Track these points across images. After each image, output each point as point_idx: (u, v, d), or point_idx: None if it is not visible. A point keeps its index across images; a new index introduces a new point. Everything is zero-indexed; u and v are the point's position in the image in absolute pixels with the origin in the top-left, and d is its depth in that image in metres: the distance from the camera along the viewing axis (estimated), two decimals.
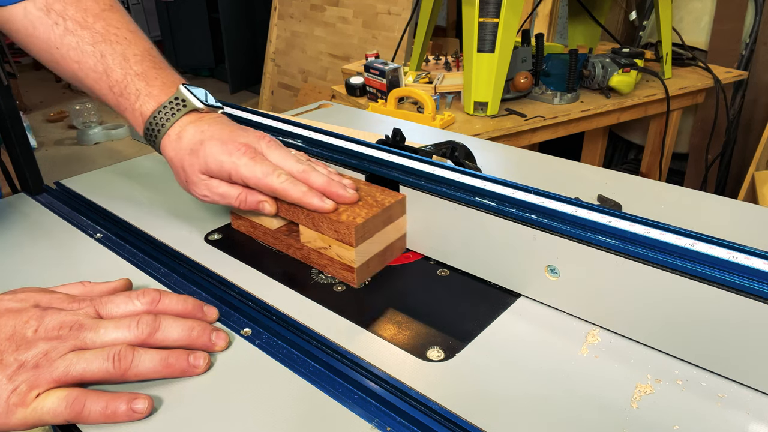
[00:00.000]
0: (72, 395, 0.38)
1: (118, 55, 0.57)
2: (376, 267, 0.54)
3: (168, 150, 0.56)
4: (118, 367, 0.40)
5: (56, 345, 0.40)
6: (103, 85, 0.57)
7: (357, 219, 0.50)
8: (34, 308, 0.41)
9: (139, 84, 0.56)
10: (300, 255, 0.56)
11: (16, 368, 0.38)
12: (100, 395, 0.39)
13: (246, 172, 0.52)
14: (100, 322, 0.42)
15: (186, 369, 0.42)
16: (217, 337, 0.44)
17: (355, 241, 0.50)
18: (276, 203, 0.54)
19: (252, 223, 0.59)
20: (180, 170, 0.56)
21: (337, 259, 0.52)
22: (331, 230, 0.51)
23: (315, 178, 0.52)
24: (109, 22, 0.58)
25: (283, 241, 0.57)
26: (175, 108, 0.55)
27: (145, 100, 0.56)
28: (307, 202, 0.51)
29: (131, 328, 0.42)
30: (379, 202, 0.53)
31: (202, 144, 0.53)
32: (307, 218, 0.53)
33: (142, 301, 0.44)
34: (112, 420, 0.38)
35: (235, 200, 0.54)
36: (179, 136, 0.55)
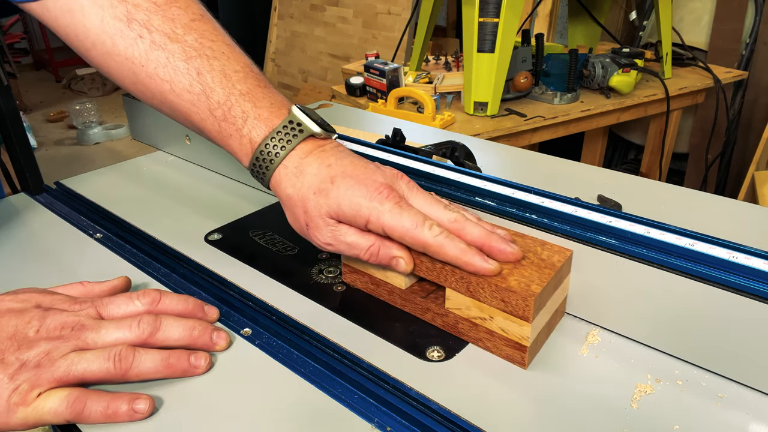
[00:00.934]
0: (73, 395, 0.38)
1: (217, 72, 0.48)
2: (542, 340, 0.44)
3: (285, 186, 0.47)
4: (119, 368, 0.40)
5: (58, 345, 0.40)
6: (202, 107, 0.48)
7: (532, 286, 0.41)
8: (36, 309, 0.42)
9: (245, 105, 0.47)
10: (441, 322, 0.46)
11: (17, 367, 0.38)
12: (101, 395, 0.39)
13: (391, 221, 0.43)
14: (101, 323, 0.42)
15: (187, 369, 0.42)
16: (218, 336, 0.44)
17: (533, 314, 0.40)
18: (413, 259, 0.45)
19: (374, 280, 0.50)
20: (300, 212, 0.46)
21: (501, 334, 0.43)
22: (495, 299, 0.42)
23: (471, 230, 0.44)
24: (202, 34, 0.49)
25: (418, 304, 0.48)
26: (291, 134, 0.46)
27: (254, 124, 0.47)
28: (466, 261, 0.42)
29: (132, 328, 0.42)
30: (546, 260, 0.43)
31: (333, 182, 0.45)
32: (460, 281, 0.43)
33: (142, 302, 0.44)
34: (113, 420, 0.38)
35: (365, 253, 0.45)
36: (300, 170, 0.46)
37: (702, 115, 2.08)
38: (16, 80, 4.02)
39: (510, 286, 0.41)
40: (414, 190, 0.46)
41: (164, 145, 0.81)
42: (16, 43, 4.68)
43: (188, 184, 0.72)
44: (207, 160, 0.75)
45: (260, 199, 0.68)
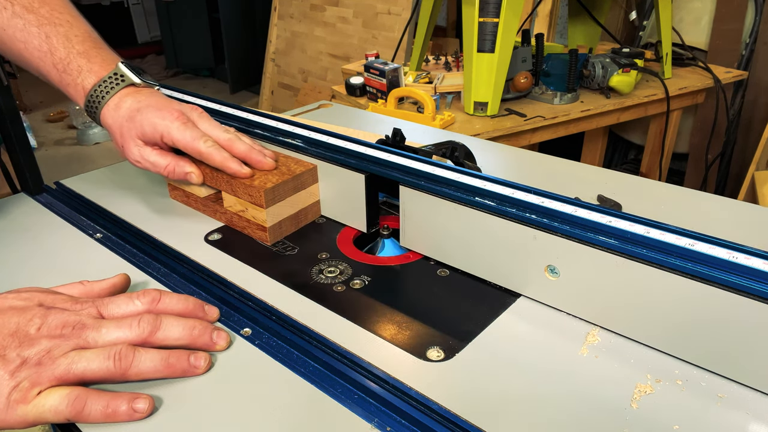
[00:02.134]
0: (73, 394, 0.38)
1: (61, 36, 0.61)
2: (289, 228, 0.60)
3: (107, 118, 0.60)
4: (119, 367, 0.40)
5: (59, 343, 0.40)
6: (47, 62, 0.60)
7: (267, 184, 0.56)
8: (38, 307, 0.42)
9: (81, 61, 0.60)
10: (225, 219, 0.62)
11: (18, 364, 0.38)
12: (101, 394, 0.39)
13: (177, 135, 0.57)
14: (102, 322, 0.42)
15: (187, 369, 0.42)
16: (218, 336, 0.44)
17: (266, 203, 0.56)
18: (202, 174, 0.60)
19: (185, 193, 0.65)
20: (117, 136, 0.60)
21: (253, 221, 0.58)
22: (246, 194, 0.57)
23: (238, 146, 0.59)
24: (53, 7, 0.62)
25: (211, 207, 0.63)
26: (114, 82, 0.60)
27: (87, 76, 0.60)
28: (227, 166, 0.57)
29: (132, 327, 0.42)
30: (291, 170, 0.59)
31: (139, 111, 0.58)
32: (228, 185, 0.59)
33: (142, 301, 0.44)
34: (113, 419, 0.38)
35: (164, 169, 0.59)
36: (117, 106, 0.59)
37: (702, 115, 2.08)
38: (16, 80, 4.01)
39: (253, 183, 0.57)
40: (204, 118, 0.61)
41: None
42: None
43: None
44: None
45: None
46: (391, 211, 0.65)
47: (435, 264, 0.55)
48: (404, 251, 0.58)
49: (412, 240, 0.56)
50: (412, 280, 0.54)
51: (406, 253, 0.57)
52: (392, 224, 0.60)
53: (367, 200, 0.58)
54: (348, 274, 0.54)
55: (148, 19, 4.83)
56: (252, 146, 0.60)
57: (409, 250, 0.57)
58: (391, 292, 0.52)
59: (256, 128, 0.66)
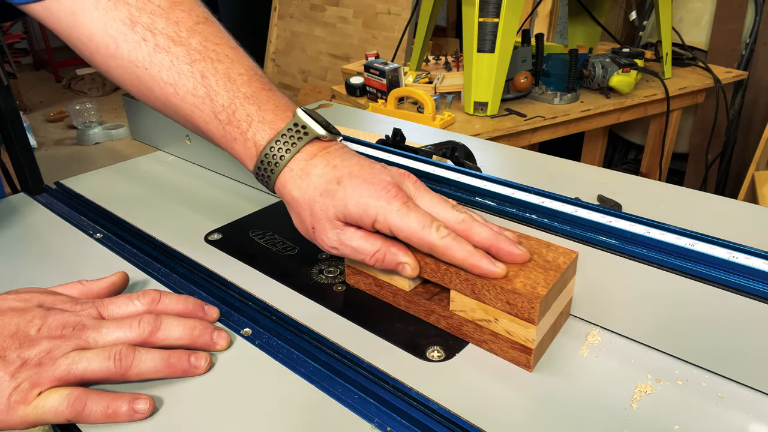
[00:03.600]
0: (74, 394, 0.38)
1: (221, 75, 0.48)
2: (547, 343, 0.44)
3: (290, 189, 0.46)
4: (119, 367, 0.40)
5: (59, 344, 0.40)
6: (206, 110, 0.48)
7: (538, 288, 0.40)
8: (38, 308, 0.42)
9: (249, 108, 0.47)
10: (445, 324, 0.46)
11: (19, 365, 0.38)
12: (102, 395, 0.39)
13: (398, 221, 0.43)
14: (102, 322, 0.42)
15: (187, 369, 0.42)
16: (218, 336, 0.44)
17: (538, 316, 0.40)
18: (418, 265, 0.45)
19: (378, 282, 0.49)
20: (306, 214, 0.46)
21: (506, 336, 0.43)
22: (500, 301, 0.41)
23: (478, 232, 0.43)
24: (206, 37, 0.49)
25: (422, 306, 0.47)
26: (296, 137, 0.46)
27: (259, 127, 0.47)
28: (473, 264, 0.42)
29: (132, 327, 0.42)
30: (551, 262, 0.43)
31: (340, 183, 0.44)
32: (465, 283, 0.43)
33: (142, 301, 0.44)
34: (113, 420, 0.38)
35: (371, 258, 0.45)
36: (305, 172, 0.46)
37: (702, 115, 2.08)
38: (16, 80, 4.02)
39: (515, 288, 0.40)
40: (422, 189, 0.46)
41: (164, 145, 0.81)
42: (16, 43, 4.68)
43: (188, 184, 0.72)
44: (207, 160, 0.75)
45: (260, 199, 0.68)
46: None
47: None
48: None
49: None
50: None
51: None
52: None
53: None
54: None
55: None
56: (493, 229, 0.44)
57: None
58: None
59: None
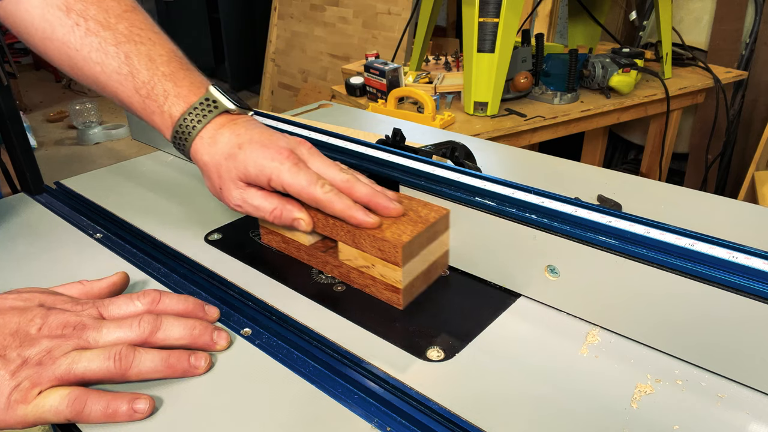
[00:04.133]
0: (73, 394, 0.38)
1: (143, 55, 0.53)
2: (420, 286, 0.51)
3: (201, 154, 0.52)
4: (119, 367, 0.40)
5: (59, 343, 0.40)
6: (128, 87, 0.53)
7: (403, 236, 0.47)
8: (39, 307, 0.42)
9: (166, 85, 0.53)
10: (338, 273, 0.53)
11: (19, 364, 0.38)
12: (102, 395, 0.39)
13: (289, 179, 0.49)
14: (103, 322, 0.42)
15: (187, 369, 0.42)
16: (218, 336, 0.44)
17: (402, 260, 0.47)
18: (312, 220, 0.51)
19: (284, 239, 0.56)
20: (215, 176, 0.52)
21: (381, 279, 0.49)
22: (374, 248, 0.48)
23: (359, 189, 0.50)
24: (132, 23, 0.55)
25: (319, 258, 0.54)
26: (207, 109, 0.52)
27: (174, 101, 0.53)
28: (351, 215, 0.48)
29: (133, 327, 0.42)
30: (423, 217, 0.50)
31: (241, 147, 0.50)
32: (348, 234, 0.49)
33: (142, 302, 0.44)
34: (113, 420, 0.38)
35: (270, 214, 0.51)
36: (214, 140, 0.52)
37: (702, 115, 2.08)
38: (16, 80, 4.02)
39: (385, 236, 0.47)
40: (315, 155, 0.52)
41: (164, 145, 0.81)
42: (16, 43, 4.68)
43: (188, 184, 0.72)
44: None
45: None
46: None
47: None
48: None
49: None
50: None
51: None
52: None
53: None
54: None
55: None
56: (374, 188, 0.51)
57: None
58: None
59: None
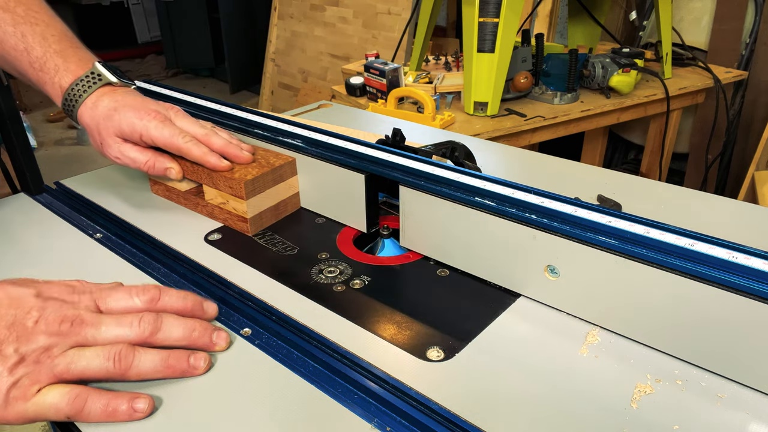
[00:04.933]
0: (74, 392, 0.38)
1: (37, 35, 0.62)
2: (270, 219, 0.62)
3: (85, 117, 0.61)
4: (119, 367, 0.40)
5: (57, 341, 0.40)
6: (24, 61, 0.62)
7: (247, 176, 0.58)
8: (35, 298, 0.42)
9: (57, 60, 0.62)
10: (206, 212, 0.64)
11: (16, 361, 0.38)
12: (102, 394, 0.39)
13: (155, 133, 0.59)
14: (102, 318, 0.42)
15: (186, 370, 0.42)
16: (218, 337, 0.44)
17: (246, 194, 0.58)
18: (182, 169, 0.62)
19: (167, 187, 0.67)
20: (95, 134, 0.61)
21: (234, 212, 0.60)
22: (226, 186, 0.59)
23: (215, 141, 0.61)
24: (29, 7, 0.63)
25: (192, 200, 0.65)
26: (91, 81, 0.62)
27: (63, 75, 0.61)
28: (206, 160, 0.59)
29: (133, 326, 0.42)
30: (271, 163, 0.61)
31: (117, 110, 0.60)
32: (208, 178, 0.61)
33: (141, 299, 0.44)
34: (113, 419, 0.38)
35: (144, 165, 0.61)
36: (95, 105, 0.61)
37: (702, 115, 2.07)
38: (16, 80, 4.01)
39: (234, 176, 0.58)
40: (180, 115, 0.62)
41: None
42: None
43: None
44: None
45: None
46: (391, 211, 0.65)
47: (435, 264, 0.55)
48: (404, 251, 0.58)
49: (412, 240, 0.56)
50: (412, 280, 0.54)
51: (406, 253, 0.57)
52: (392, 224, 0.60)
53: (367, 200, 0.58)
54: (348, 274, 0.54)
55: (148, 19, 4.83)
56: (229, 140, 0.62)
57: (409, 250, 0.57)
58: (391, 292, 0.52)
59: (255, 128, 0.66)
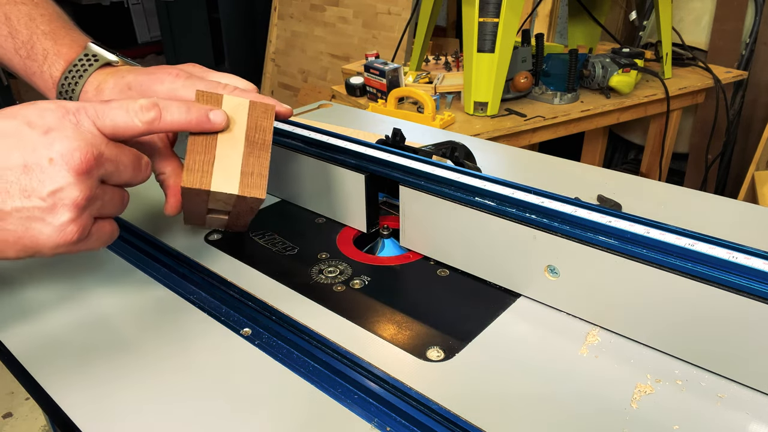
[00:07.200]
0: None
1: (23, 15, 0.52)
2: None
3: None
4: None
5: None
6: (9, 47, 0.52)
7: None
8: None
9: (46, 43, 0.52)
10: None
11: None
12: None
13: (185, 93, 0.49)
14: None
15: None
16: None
17: None
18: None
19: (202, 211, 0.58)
20: None
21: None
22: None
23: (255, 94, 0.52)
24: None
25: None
26: (87, 64, 0.51)
27: (54, 61, 0.51)
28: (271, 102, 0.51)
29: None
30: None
31: (131, 87, 0.50)
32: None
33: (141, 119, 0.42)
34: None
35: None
36: (100, 89, 0.51)
37: (702, 115, 2.07)
38: (16, 80, 4.01)
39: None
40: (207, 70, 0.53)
41: None
42: None
43: None
44: None
45: None
46: (391, 211, 0.65)
47: (435, 264, 0.55)
48: (404, 251, 0.58)
49: (412, 240, 0.56)
50: (412, 280, 0.54)
51: (406, 253, 0.57)
52: (392, 224, 0.60)
53: (367, 200, 0.58)
54: (348, 274, 0.54)
55: (148, 19, 4.82)
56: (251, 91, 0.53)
57: (409, 250, 0.57)
58: (391, 292, 0.52)
59: None
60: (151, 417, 0.39)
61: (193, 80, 0.49)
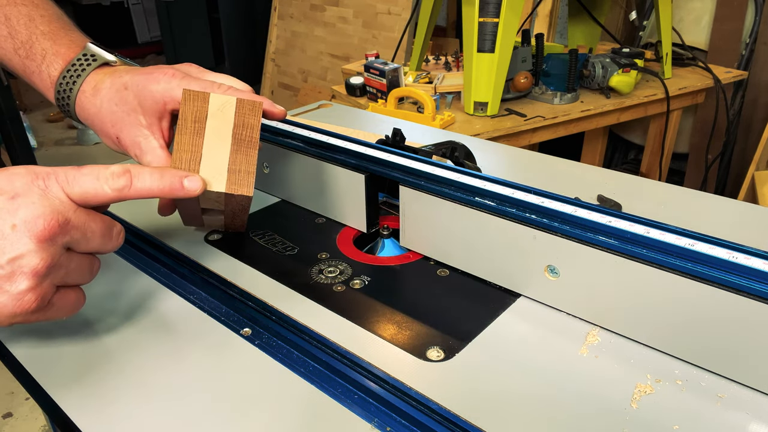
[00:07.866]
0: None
1: (23, 16, 0.53)
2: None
3: (88, 108, 0.52)
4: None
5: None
6: (8, 48, 0.53)
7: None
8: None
9: (45, 43, 0.52)
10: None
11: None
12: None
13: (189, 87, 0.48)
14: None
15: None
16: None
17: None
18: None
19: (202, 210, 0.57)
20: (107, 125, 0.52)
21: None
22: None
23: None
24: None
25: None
26: (85, 63, 0.52)
27: (52, 61, 0.52)
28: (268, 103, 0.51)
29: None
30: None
31: (127, 87, 0.50)
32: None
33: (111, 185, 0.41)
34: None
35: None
36: (96, 90, 0.51)
37: (702, 115, 2.07)
38: (16, 80, 4.01)
39: None
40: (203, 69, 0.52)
41: None
42: None
43: None
44: None
45: (260, 199, 0.68)
46: (391, 211, 0.65)
47: (435, 264, 0.55)
48: (404, 251, 0.58)
49: (412, 240, 0.56)
50: (412, 280, 0.54)
51: (406, 253, 0.57)
52: (392, 224, 0.60)
53: (367, 200, 0.58)
54: (348, 274, 0.54)
55: (148, 19, 4.82)
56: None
57: (409, 250, 0.57)
58: (391, 292, 0.52)
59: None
60: (151, 417, 0.39)
61: (188, 80, 0.49)
